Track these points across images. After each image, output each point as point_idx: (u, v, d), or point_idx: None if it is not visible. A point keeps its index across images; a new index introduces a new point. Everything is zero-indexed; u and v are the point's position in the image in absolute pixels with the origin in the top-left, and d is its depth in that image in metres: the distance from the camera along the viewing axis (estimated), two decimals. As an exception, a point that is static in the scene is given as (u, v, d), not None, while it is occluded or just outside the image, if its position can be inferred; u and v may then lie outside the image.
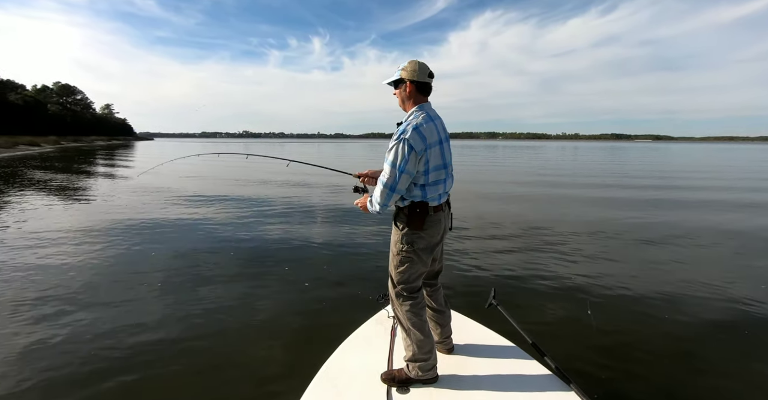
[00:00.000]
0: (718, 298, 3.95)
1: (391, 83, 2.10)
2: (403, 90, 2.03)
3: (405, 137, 1.86)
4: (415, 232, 1.98)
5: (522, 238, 6.25)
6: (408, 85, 2.00)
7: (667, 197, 11.06)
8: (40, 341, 3.05)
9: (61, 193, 10.93)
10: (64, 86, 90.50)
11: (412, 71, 1.98)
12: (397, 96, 2.08)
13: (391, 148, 1.90)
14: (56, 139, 54.00)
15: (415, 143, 1.85)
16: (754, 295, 4.01)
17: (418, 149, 1.87)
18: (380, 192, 1.94)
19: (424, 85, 2.01)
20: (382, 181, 1.94)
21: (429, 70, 2.01)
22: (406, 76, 1.99)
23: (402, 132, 1.89)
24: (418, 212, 1.96)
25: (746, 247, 5.93)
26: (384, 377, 2.07)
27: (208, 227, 6.82)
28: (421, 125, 1.90)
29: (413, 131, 1.87)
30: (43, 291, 3.95)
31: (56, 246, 5.53)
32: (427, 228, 1.99)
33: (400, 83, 2.04)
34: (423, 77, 1.99)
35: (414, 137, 1.86)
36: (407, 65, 2.01)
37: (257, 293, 4.03)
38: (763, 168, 24.95)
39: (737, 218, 8.11)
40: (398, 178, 1.88)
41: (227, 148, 63.12)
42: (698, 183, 15.07)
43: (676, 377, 2.64)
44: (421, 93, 2.02)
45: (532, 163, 28.53)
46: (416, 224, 1.96)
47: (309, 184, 13.41)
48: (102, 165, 22.72)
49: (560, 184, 14.53)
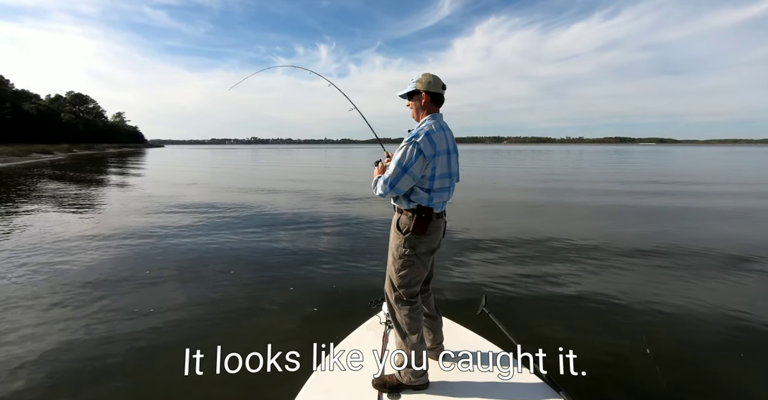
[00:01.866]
0: (714, 311, 3.85)
1: (405, 95, 2.16)
2: (417, 101, 2.10)
3: (416, 141, 1.92)
4: (418, 236, 2.02)
5: (516, 246, 6.21)
6: (424, 95, 2.06)
7: (674, 204, 10.88)
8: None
9: (66, 201, 11.11)
10: (77, 95, 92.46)
11: (427, 83, 2.05)
12: (411, 107, 2.15)
13: (400, 148, 1.96)
14: (68, 147, 55.02)
15: (425, 148, 1.92)
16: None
17: (428, 154, 1.93)
18: (381, 185, 2.02)
19: (438, 96, 2.09)
20: (384, 177, 2.00)
21: (442, 83, 2.10)
22: (421, 87, 2.06)
23: (414, 135, 1.96)
24: (423, 216, 2.00)
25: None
26: (375, 383, 2.07)
27: (196, 235, 6.83)
28: (433, 132, 1.97)
29: (425, 136, 1.93)
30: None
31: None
32: (429, 233, 2.03)
33: (415, 94, 2.10)
34: (437, 89, 2.07)
35: (425, 142, 1.92)
36: (422, 77, 2.08)
37: (244, 298, 4.04)
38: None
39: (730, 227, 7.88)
40: (400, 177, 1.93)
41: (236, 154, 64.26)
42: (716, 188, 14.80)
43: (667, 386, 2.65)
44: (434, 104, 2.09)
45: (537, 166, 28.47)
46: (420, 228, 2.00)
47: (307, 191, 13.53)
48: (109, 172, 23.27)
49: (563, 190, 14.32)
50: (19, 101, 65.02)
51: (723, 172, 24.37)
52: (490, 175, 21.85)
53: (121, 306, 3.85)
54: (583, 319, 3.63)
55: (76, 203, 10.65)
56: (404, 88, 2.16)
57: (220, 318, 3.59)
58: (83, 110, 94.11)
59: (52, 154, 43.20)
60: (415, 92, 2.10)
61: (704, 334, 3.40)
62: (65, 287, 4.29)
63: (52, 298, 3.99)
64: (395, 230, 2.09)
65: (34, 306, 3.81)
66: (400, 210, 2.08)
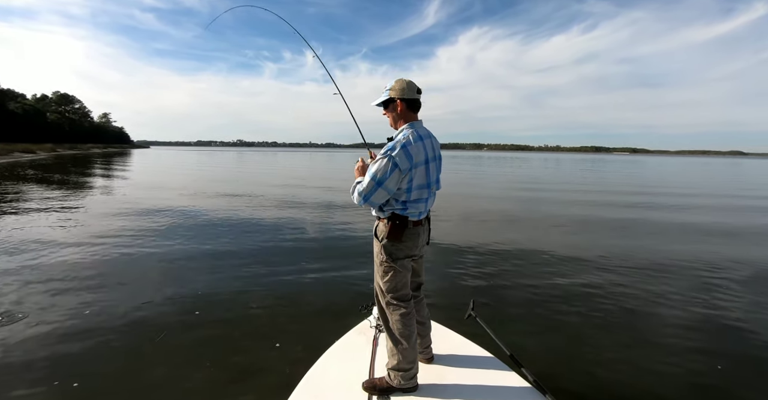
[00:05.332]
0: (703, 311, 4.03)
1: (380, 104, 2.10)
2: (393, 109, 2.04)
3: (392, 154, 1.87)
4: (393, 243, 2.01)
5: (502, 252, 6.32)
6: (399, 103, 2.00)
7: (648, 211, 11.05)
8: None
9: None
10: (63, 96, 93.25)
11: (401, 89, 2.00)
12: (388, 116, 2.09)
13: (376, 161, 1.91)
14: (52, 147, 55.65)
15: (401, 162, 1.87)
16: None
17: (403, 168, 1.88)
18: (356, 196, 2.00)
19: (414, 102, 2.03)
20: (358, 189, 1.97)
21: (417, 87, 2.03)
22: (395, 95, 2.00)
23: (390, 148, 1.90)
24: (397, 224, 1.98)
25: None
26: (366, 386, 2.08)
27: (191, 234, 7.02)
28: (410, 144, 1.91)
29: (401, 149, 1.88)
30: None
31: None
32: (405, 240, 2.02)
33: (390, 103, 2.05)
34: (412, 94, 2.01)
35: (400, 155, 1.87)
36: (395, 84, 2.02)
37: (235, 300, 4.09)
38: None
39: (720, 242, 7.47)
40: (374, 191, 1.90)
41: (221, 156, 63.30)
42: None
43: (653, 390, 2.66)
44: (411, 110, 2.04)
45: (518, 173, 28.74)
46: (395, 235, 1.98)
47: (294, 195, 13.40)
48: (91, 173, 22.66)
49: (548, 197, 14.51)
50: (4, 100, 65.64)
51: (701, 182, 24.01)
52: (477, 182, 21.76)
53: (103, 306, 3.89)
54: (566, 323, 3.69)
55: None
56: (379, 97, 2.08)
57: (209, 323, 3.57)
58: (69, 110, 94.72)
59: (34, 154, 43.99)
60: (389, 101, 2.04)
61: (695, 337, 3.45)
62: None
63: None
64: (374, 237, 2.08)
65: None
66: (378, 218, 2.07)
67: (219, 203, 11.19)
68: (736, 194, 16.61)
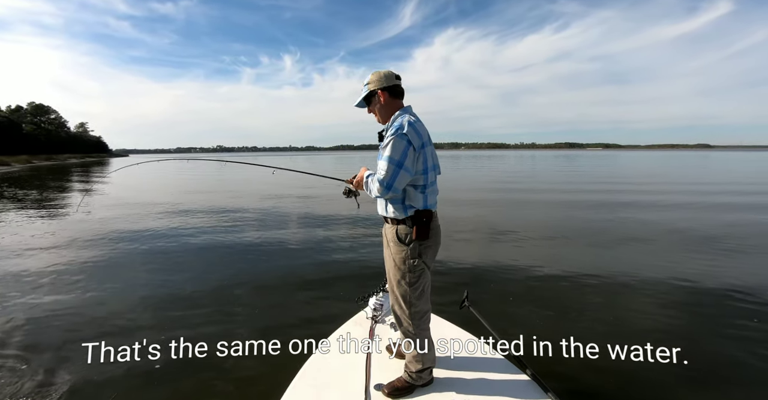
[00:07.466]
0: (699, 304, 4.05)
1: (362, 102, 2.01)
2: (377, 103, 1.95)
3: (402, 132, 1.77)
4: (422, 242, 1.90)
5: (496, 242, 6.44)
6: (380, 93, 1.92)
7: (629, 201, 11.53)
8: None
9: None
10: (38, 106, 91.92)
11: (378, 80, 1.93)
12: (374, 112, 1.99)
13: (386, 144, 1.80)
14: (27, 159, 54.98)
15: (413, 139, 1.79)
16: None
17: (416, 145, 1.79)
18: (376, 187, 1.84)
19: (396, 88, 1.95)
20: (378, 178, 1.82)
21: (394, 74, 1.95)
22: (374, 86, 1.93)
23: (398, 127, 1.80)
24: (424, 221, 1.87)
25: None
26: (388, 391, 2.02)
27: (182, 233, 7.19)
28: (416, 122, 1.84)
29: (409, 127, 1.79)
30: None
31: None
32: (432, 236, 1.93)
33: (372, 97, 1.96)
34: (391, 81, 1.93)
35: (411, 133, 1.78)
36: (372, 77, 1.95)
37: (232, 295, 4.14)
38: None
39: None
40: (396, 174, 1.77)
41: (204, 162, 62.64)
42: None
43: (654, 385, 2.65)
44: (396, 97, 1.96)
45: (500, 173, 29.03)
46: (424, 233, 1.88)
47: (283, 194, 13.94)
48: (69, 184, 22.50)
49: (537, 190, 15.37)
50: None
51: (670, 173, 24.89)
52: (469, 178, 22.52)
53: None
54: (561, 311, 3.75)
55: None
56: (359, 97, 2.00)
57: (200, 316, 3.58)
58: (45, 121, 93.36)
59: (9, 166, 43.54)
60: (370, 95, 1.95)
61: (697, 316, 3.59)
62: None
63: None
64: (396, 242, 1.92)
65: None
66: (396, 220, 1.92)
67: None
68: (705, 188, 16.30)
